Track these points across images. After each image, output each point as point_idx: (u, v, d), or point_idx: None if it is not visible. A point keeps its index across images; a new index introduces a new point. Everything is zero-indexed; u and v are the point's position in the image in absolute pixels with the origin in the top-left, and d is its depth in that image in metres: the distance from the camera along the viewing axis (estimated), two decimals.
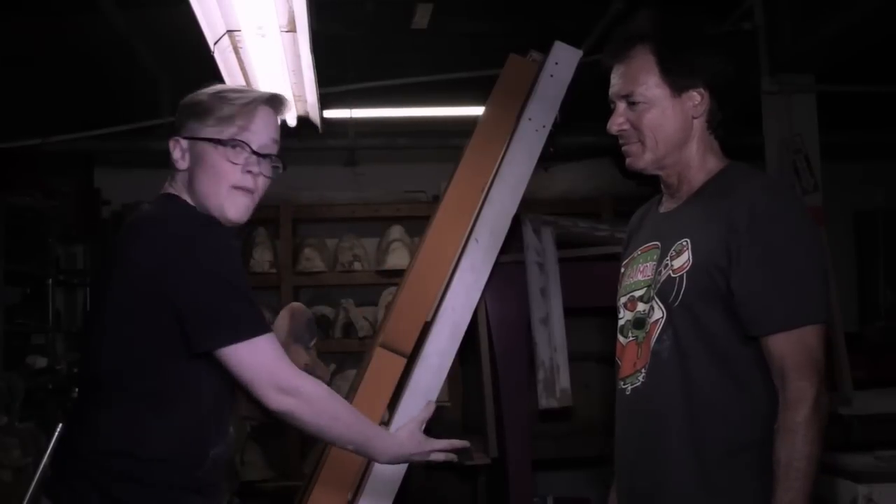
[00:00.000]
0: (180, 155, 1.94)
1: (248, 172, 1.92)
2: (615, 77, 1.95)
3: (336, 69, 4.78)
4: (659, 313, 1.87)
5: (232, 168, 1.90)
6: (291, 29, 3.10)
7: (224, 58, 3.29)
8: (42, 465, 3.15)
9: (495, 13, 4.59)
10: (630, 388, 1.93)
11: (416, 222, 5.16)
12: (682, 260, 1.85)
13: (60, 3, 4.17)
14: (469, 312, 2.96)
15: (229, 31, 3.11)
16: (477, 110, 3.75)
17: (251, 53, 3.28)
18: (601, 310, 2.40)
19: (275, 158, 1.97)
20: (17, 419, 4.26)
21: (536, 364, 3.14)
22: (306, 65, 3.41)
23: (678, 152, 1.93)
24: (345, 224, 5.77)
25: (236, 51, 3.26)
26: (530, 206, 3.37)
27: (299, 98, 3.86)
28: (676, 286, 1.84)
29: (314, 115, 4.14)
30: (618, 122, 1.94)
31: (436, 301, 2.95)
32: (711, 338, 1.83)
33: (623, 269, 2.06)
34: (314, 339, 2.38)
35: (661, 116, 1.90)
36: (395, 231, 5.57)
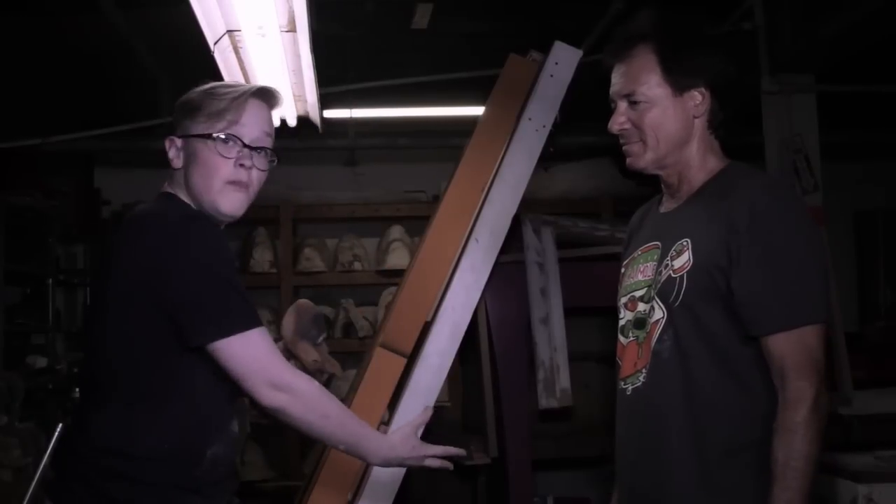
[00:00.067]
0: (175, 154, 1.95)
1: (240, 166, 1.91)
2: (616, 76, 1.95)
3: (336, 69, 4.78)
4: (659, 313, 1.87)
5: (224, 162, 1.90)
6: (291, 29, 3.10)
7: (224, 58, 3.29)
8: (42, 465, 3.15)
9: (495, 13, 4.59)
10: (631, 388, 1.93)
11: (416, 222, 5.15)
12: (682, 260, 1.85)
13: (60, 3, 4.17)
14: (469, 312, 2.96)
15: (229, 31, 3.11)
16: (477, 110, 3.74)
17: (251, 53, 3.28)
18: (601, 310, 2.40)
19: (269, 152, 1.97)
20: (17, 419, 4.25)
21: (536, 364, 3.14)
22: (306, 65, 3.41)
23: (679, 152, 1.93)
24: (345, 224, 5.76)
25: (236, 51, 3.26)
26: (530, 206, 3.37)
27: (299, 98, 3.86)
28: (677, 286, 1.84)
29: (314, 115, 4.13)
30: (619, 122, 1.94)
31: (436, 301, 2.94)
32: (712, 338, 1.83)
33: (623, 269, 2.06)
34: (322, 334, 2.35)
35: (662, 116, 1.90)
36: (395, 231, 5.57)
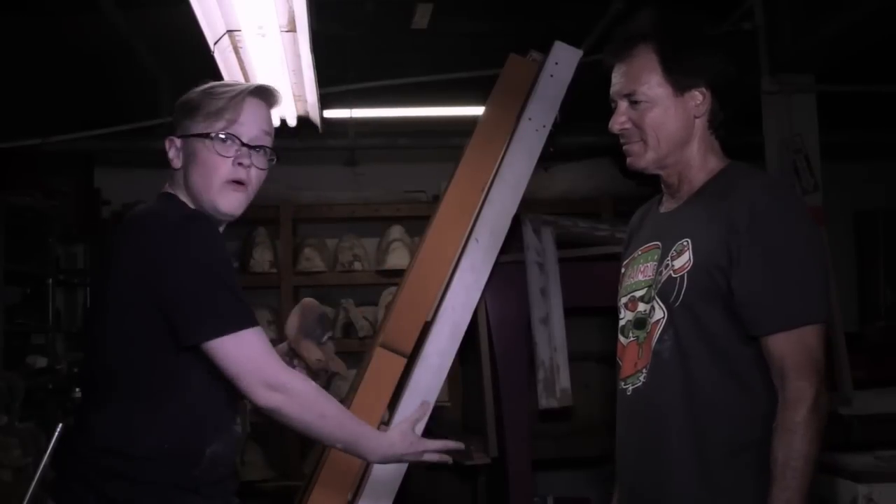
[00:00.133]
0: (175, 154, 1.95)
1: (239, 165, 1.91)
2: (617, 76, 1.95)
3: (336, 69, 4.78)
4: (660, 313, 1.87)
5: (223, 161, 1.90)
6: (291, 29, 3.10)
7: (224, 58, 3.29)
8: (42, 465, 3.14)
9: (495, 13, 4.59)
10: (631, 389, 1.93)
11: (416, 222, 5.15)
12: (682, 260, 1.85)
13: (60, 3, 4.17)
14: (469, 312, 2.95)
15: (229, 31, 3.11)
16: (477, 110, 3.74)
17: (251, 53, 3.28)
18: (601, 310, 2.40)
19: (268, 151, 1.96)
20: (17, 419, 4.25)
21: (536, 364, 3.14)
22: (306, 65, 3.41)
23: (679, 152, 1.93)
24: (345, 224, 5.76)
25: (236, 51, 3.26)
26: (530, 206, 3.36)
27: (299, 98, 3.86)
28: (677, 286, 1.84)
29: (314, 115, 4.13)
30: (620, 121, 1.94)
31: (436, 301, 2.94)
32: (712, 338, 1.83)
33: (623, 269, 2.06)
34: (327, 333, 2.34)
35: (663, 115, 1.90)
36: (395, 231, 5.56)
